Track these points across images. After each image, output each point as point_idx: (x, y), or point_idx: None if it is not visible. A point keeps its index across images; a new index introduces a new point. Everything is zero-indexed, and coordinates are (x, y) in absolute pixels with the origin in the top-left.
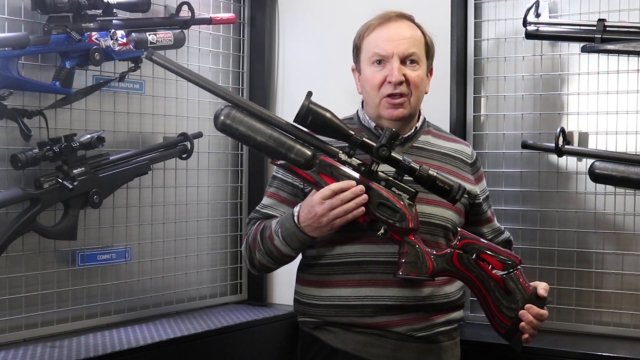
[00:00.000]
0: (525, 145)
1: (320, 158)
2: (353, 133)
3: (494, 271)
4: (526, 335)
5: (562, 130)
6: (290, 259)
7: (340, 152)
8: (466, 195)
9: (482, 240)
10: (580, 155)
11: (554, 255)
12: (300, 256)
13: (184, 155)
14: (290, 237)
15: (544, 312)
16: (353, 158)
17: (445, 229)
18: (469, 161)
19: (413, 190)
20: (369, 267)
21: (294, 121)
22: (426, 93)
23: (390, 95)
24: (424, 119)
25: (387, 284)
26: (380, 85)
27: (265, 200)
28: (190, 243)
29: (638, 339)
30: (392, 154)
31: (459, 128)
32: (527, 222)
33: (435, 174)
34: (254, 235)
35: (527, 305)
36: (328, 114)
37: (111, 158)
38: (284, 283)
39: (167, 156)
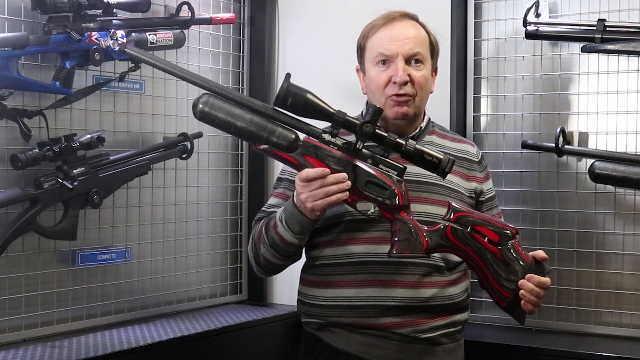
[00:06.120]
0: (525, 145)
1: (303, 140)
2: (335, 112)
3: (490, 243)
4: (529, 306)
5: (562, 130)
6: (293, 248)
7: (324, 132)
8: (473, 195)
9: (476, 212)
10: (580, 155)
11: (554, 255)
12: (304, 257)
13: (184, 155)
14: (291, 218)
15: (546, 279)
16: (337, 137)
17: None
18: (475, 160)
19: (401, 166)
20: (373, 268)
21: (274, 104)
22: (431, 92)
23: (395, 95)
24: (429, 119)
25: (390, 284)
26: (385, 86)
27: (272, 200)
28: (190, 243)
29: (638, 339)
30: (377, 130)
31: (459, 128)
32: (527, 222)
33: (422, 148)
34: (259, 230)
35: (528, 275)
36: (308, 94)
37: (111, 158)
38: (284, 283)
39: (167, 156)
